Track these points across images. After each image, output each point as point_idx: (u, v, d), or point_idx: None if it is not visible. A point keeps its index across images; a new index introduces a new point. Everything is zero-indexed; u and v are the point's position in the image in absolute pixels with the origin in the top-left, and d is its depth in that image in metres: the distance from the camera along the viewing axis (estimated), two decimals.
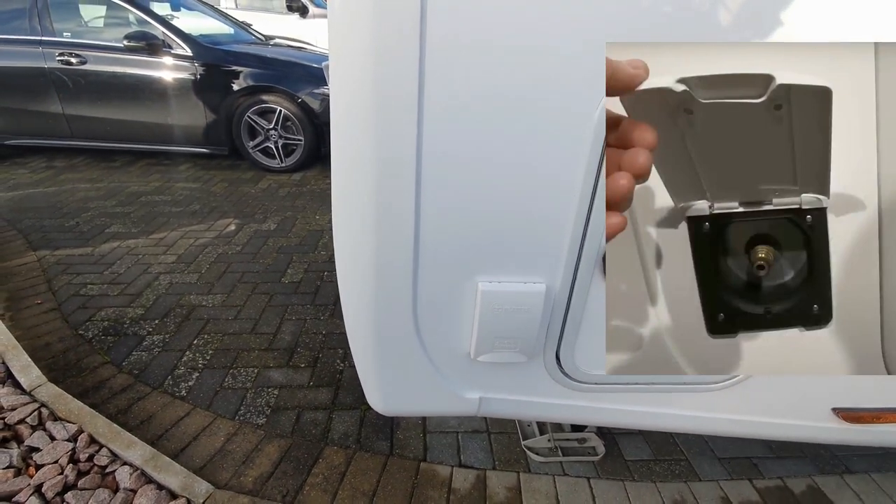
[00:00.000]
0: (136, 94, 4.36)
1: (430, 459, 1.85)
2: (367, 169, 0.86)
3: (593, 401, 1.18)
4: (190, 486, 1.64)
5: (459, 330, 1.05)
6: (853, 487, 1.86)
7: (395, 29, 0.74)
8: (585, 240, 0.94)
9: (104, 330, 2.48)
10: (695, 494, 1.77)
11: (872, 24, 0.77)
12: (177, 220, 3.71)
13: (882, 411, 1.28)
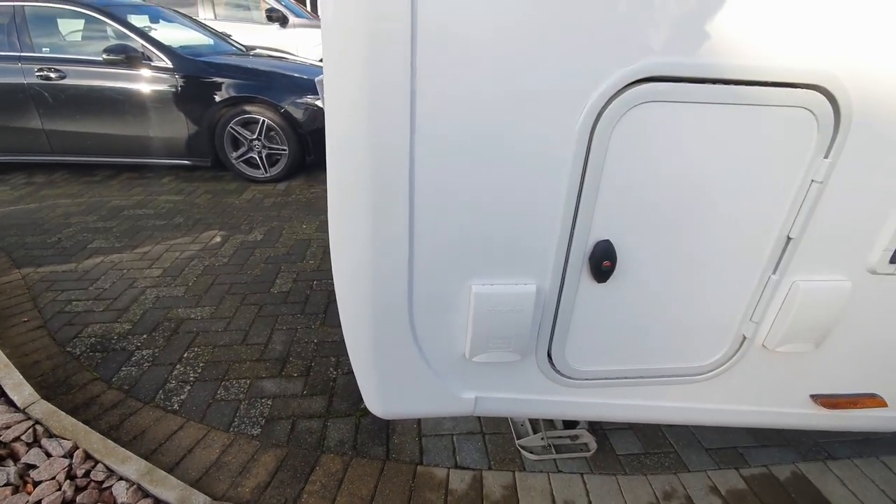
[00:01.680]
0: (117, 107, 4.31)
1: (427, 462, 1.87)
2: (363, 183, 0.90)
3: (585, 396, 1.22)
4: (187, 498, 1.63)
5: (454, 332, 1.08)
6: (836, 473, 1.93)
7: (386, 51, 0.78)
8: (572, 243, 0.99)
9: (92, 346, 2.44)
10: (684, 485, 1.82)
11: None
12: (161, 233, 3.68)
13: (857, 397, 1.35)
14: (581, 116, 0.87)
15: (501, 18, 0.79)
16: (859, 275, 1.11)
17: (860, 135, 0.93)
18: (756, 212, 1.00)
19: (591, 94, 0.85)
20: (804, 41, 0.85)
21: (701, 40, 0.83)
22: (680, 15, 0.81)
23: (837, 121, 0.91)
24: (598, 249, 0.99)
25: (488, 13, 0.79)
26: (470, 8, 0.78)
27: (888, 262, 1.09)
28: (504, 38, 0.80)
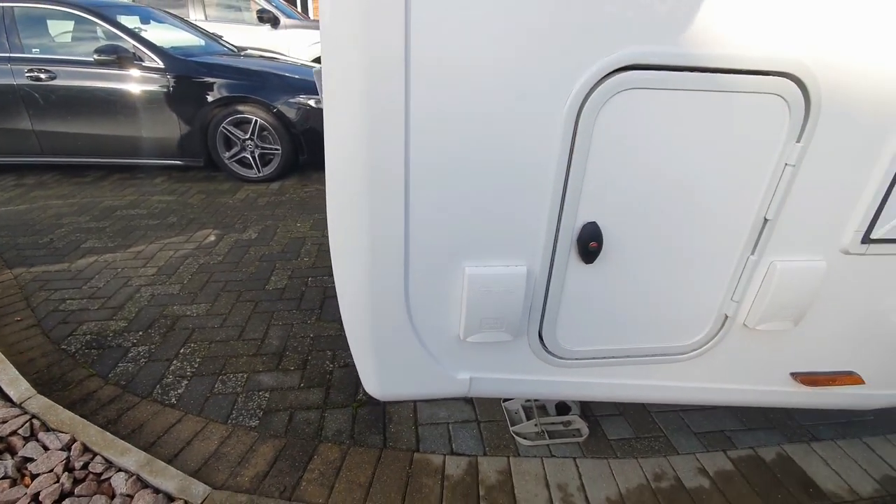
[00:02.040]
0: (108, 107, 4.31)
1: (423, 450, 1.91)
2: (360, 170, 0.93)
3: (575, 376, 1.27)
4: (187, 488, 1.66)
5: (449, 314, 1.12)
6: (820, 454, 2.00)
7: (383, 43, 0.82)
8: (560, 225, 1.03)
9: (87, 343, 2.45)
10: (674, 467, 1.88)
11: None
12: (154, 232, 3.68)
13: (836, 375, 1.41)
14: (567, 103, 0.91)
15: (492, 9, 0.83)
16: (833, 255, 1.16)
17: (829, 120, 0.98)
18: (734, 194, 1.05)
19: (576, 82, 0.89)
20: (776, 31, 0.91)
21: (678, 30, 0.88)
22: (658, 6, 0.86)
23: (808, 107, 0.97)
24: (585, 231, 1.03)
25: (480, 8, 0.83)
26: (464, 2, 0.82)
27: (860, 243, 1.15)
28: (494, 28, 0.85)
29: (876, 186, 1.08)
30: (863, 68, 0.96)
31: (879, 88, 0.98)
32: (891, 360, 1.41)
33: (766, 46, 0.91)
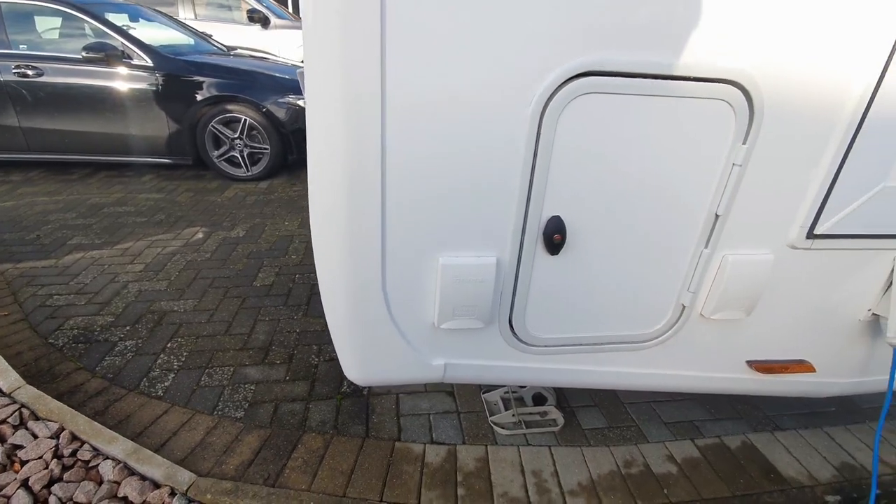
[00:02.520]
0: (96, 105, 4.32)
1: (404, 439, 1.98)
2: (339, 166, 1.00)
3: (545, 362, 1.34)
4: (173, 475, 1.71)
5: (424, 302, 1.19)
6: (783, 442, 2.10)
7: (360, 40, 0.89)
8: (527, 218, 1.11)
9: (74, 338, 2.48)
10: (643, 454, 1.97)
11: None
12: (142, 230, 3.70)
13: (788, 363, 1.51)
14: (530, 106, 0.99)
15: (461, 21, 0.91)
16: (781, 249, 1.26)
17: (772, 123, 1.07)
18: (687, 191, 1.14)
19: (539, 86, 0.97)
20: (721, 43, 0.99)
21: (632, 40, 0.96)
22: (614, 17, 0.94)
23: (751, 111, 1.05)
24: (550, 224, 1.11)
25: (450, 16, 0.91)
26: (436, 12, 0.90)
27: (805, 238, 1.24)
28: (463, 37, 0.92)
29: (818, 184, 1.17)
30: (801, 76, 1.05)
31: (817, 94, 1.07)
32: (839, 349, 1.51)
33: (713, 56, 1.00)
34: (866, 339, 1.51)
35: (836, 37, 1.02)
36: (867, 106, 1.08)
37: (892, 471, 2.01)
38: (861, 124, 1.09)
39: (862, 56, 1.05)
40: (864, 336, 1.50)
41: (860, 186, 1.18)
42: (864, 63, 1.05)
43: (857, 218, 1.22)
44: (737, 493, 1.83)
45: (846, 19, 1.01)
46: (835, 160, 1.13)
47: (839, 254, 1.30)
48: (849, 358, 1.54)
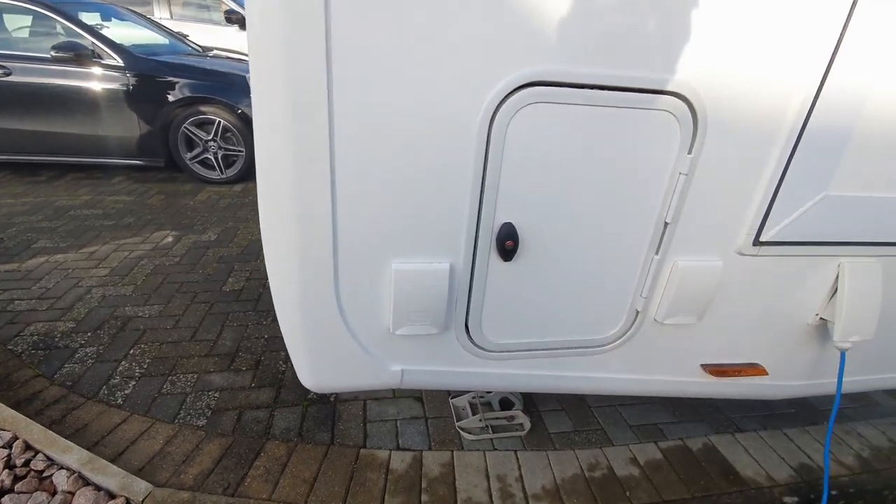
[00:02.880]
0: (65, 105, 4.21)
1: (370, 446, 1.97)
2: (287, 172, 1.00)
3: (502, 368, 1.35)
4: (129, 485, 1.66)
5: (379, 308, 1.19)
6: (743, 444, 2.15)
7: (305, 52, 0.89)
8: (479, 225, 1.12)
9: (34, 344, 2.41)
10: (608, 457, 1.99)
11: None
12: (109, 233, 3.62)
13: (741, 366, 1.54)
14: (479, 115, 1.00)
15: (408, 31, 0.92)
16: (729, 255, 1.29)
17: (715, 134, 1.10)
18: (636, 199, 1.16)
19: (487, 95, 0.98)
20: (664, 57, 1.02)
21: (577, 52, 0.98)
22: (559, 30, 0.96)
23: (695, 122, 1.08)
24: (502, 231, 1.12)
25: (398, 26, 0.91)
26: (382, 26, 0.90)
27: (752, 245, 1.28)
28: (410, 47, 0.93)
29: (762, 193, 1.21)
30: (743, 89, 1.08)
31: (759, 106, 1.11)
32: (790, 353, 1.55)
33: (655, 69, 1.02)
34: (815, 343, 1.55)
35: (776, 50, 1.06)
36: (806, 118, 1.12)
37: (850, 472, 2.07)
38: (800, 136, 1.13)
39: (801, 70, 1.08)
40: (813, 340, 1.54)
41: (802, 195, 1.21)
42: (803, 77, 1.09)
43: (801, 226, 1.26)
44: (697, 494, 1.87)
45: (786, 33, 1.05)
46: (777, 170, 1.17)
47: (786, 260, 1.34)
48: (799, 361, 1.58)
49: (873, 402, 2.50)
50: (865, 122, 1.16)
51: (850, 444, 2.20)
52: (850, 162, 1.21)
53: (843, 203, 1.25)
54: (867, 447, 2.18)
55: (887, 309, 1.47)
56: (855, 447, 2.18)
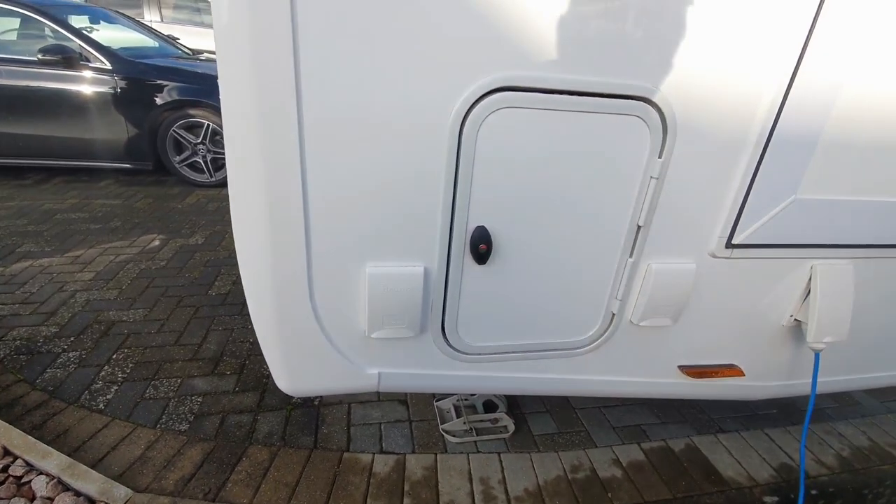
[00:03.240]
0: (52, 108, 4.19)
1: (353, 449, 1.96)
2: (258, 176, 1.00)
3: (480, 370, 1.36)
4: (108, 490, 1.65)
5: (354, 311, 1.20)
6: (724, 444, 2.17)
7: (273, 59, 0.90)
8: (453, 229, 1.13)
9: (16, 349, 2.39)
10: (591, 459, 2.00)
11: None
12: (95, 237, 3.60)
13: (718, 367, 1.56)
14: (450, 120, 1.01)
15: (378, 38, 0.93)
16: (702, 258, 1.31)
17: (685, 138, 1.12)
18: (608, 203, 1.17)
19: (457, 100, 0.99)
20: (632, 62, 1.04)
21: (546, 58, 0.99)
22: (528, 35, 0.97)
23: (665, 127, 1.10)
24: (475, 234, 1.13)
25: (368, 34, 0.92)
26: (353, 29, 0.91)
27: (724, 247, 1.29)
28: (380, 53, 0.94)
29: (733, 196, 1.22)
30: (711, 94, 1.10)
31: (728, 112, 1.12)
32: (766, 354, 1.57)
33: (622, 75, 1.04)
34: (791, 344, 1.57)
35: (743, 56, 1.08)
36: (774, 123, 1.14)
37: (830, 472, 2.10)
38: (769, 141, 1.15)
39: (768, 75, 1.10)
40: (789, 341, 1.56)
41: (772, 199, 1.23)
42: (770, 82, 1.11)
43: (772, 228, 1.27)
44: (678, 495, 1.88)
45: (752, 39, 1.07)
46: (746, 174, 1.19)
47: (759, 262, 1.36)
48: (776, 362, 1.60)
49: (854, 402, 2.53)
50: (832, 128, 1.18)
51: (831, 443, 2.23)
52: (819, 166, 1.23)
53: (812, 206, 1.27)
54: (847, 447, 2.21)
55: (861, 310, 1.49)
56: (835, 447, 2.20)
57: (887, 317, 1.59)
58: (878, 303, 1.53)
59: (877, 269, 1.47)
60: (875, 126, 1.22)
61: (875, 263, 1.46)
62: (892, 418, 2.43)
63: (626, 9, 0.99)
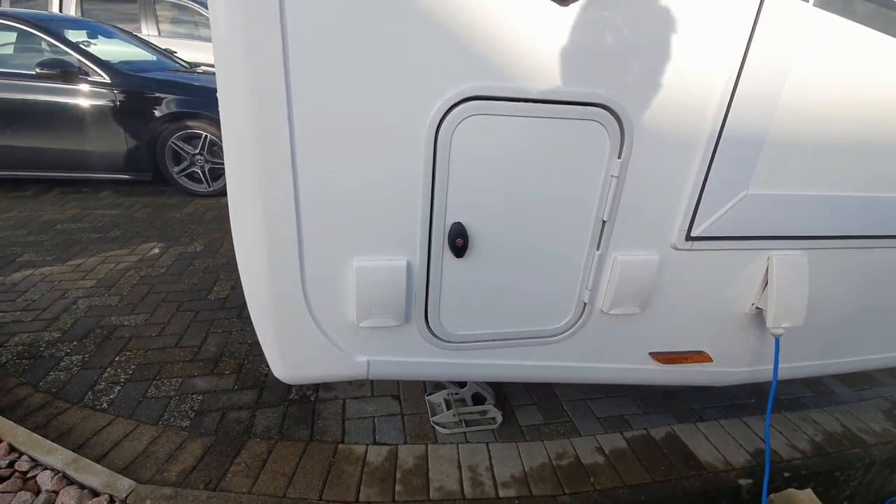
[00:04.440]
0: (51, 121, 4.29)
1: (348, 441, 2.05)
2: (254, 178, 1.11)
3: (463, 357, 1.46)
4: (112, 483, 1.73)
5: (344, 302, 1.30)
6: (703, 432, 2.27)
7: (266, 66, 1.01)
8: (432, 225, 1.23)
9: (18, 354, 2.47)
10: (575, 447, 2.09)
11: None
12: (96, 246, 3.68)
13: (688, 354, 1.66)
14: (426, 125, 1.12)
15: (360, 54, 1.04)
16: (665, 250, 1.42)
17: (641, 139, 1.24)
18: (574, 200, 1.29)
19: (432, 108, 1.11)
20: (589, 72, 1.15)
21: (510, 69, 1.11)
22: (493, 49, 1.09)
23: (622, 129, 1.21)
24: (453, 230, 1.24)
25: (351, 46, 1.03)
26: (338, 42, 1.02)
27: (685, 240, 1.41)
28: (363, 64, 1.05)
29: (689, 192, 1.34)
30: (663, 97, 1.21)
31: (679, 114, 1.24)
32: (731, 340, 1.68)
33: (579, 84, 1.15)
34: (755, 331, 1.68)
35: (690, 60, 1.19)
36: (722, 122, 1.25)
37: (803, 455, 2.20)
38: (718, 140, 1.27)
39: (714, 79, 1.22)
40: (752, 328, 1.67)
41: (725, 194, 1.35)
42: (716, 85, 1.23)
43: (727, 222, 1.39)
44: (657, 478, 1.97)
45: (698, 44, 1.18)
46: (700, 171, 1.30)
47: (718, 254, 1.47)
48: (741, 349, 1.71)
49: (829, 392, 2.64)
50: (778, 126, 1.30)
51: (805, 430, 2.33)
52: (768, 162, 1.35)
53: (764, 201, 1.39)
54: (821, 432, 2.31)
55: (819, 298, 1.61)
56: (809, 433, 2.31)
57: (844, 304, 1.70)
58: (834, 291, 1.64)
59: (831, 259, 1.58)
60: (819, 123, 1.34)
61: (829, 254, 1.57)
62: (865, 405, 2.53)
63: (581, 24, 1.10)
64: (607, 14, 1.11)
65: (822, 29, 1.23)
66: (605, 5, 1.10)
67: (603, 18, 1.11)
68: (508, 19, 1.07)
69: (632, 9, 1.11)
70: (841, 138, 1.38)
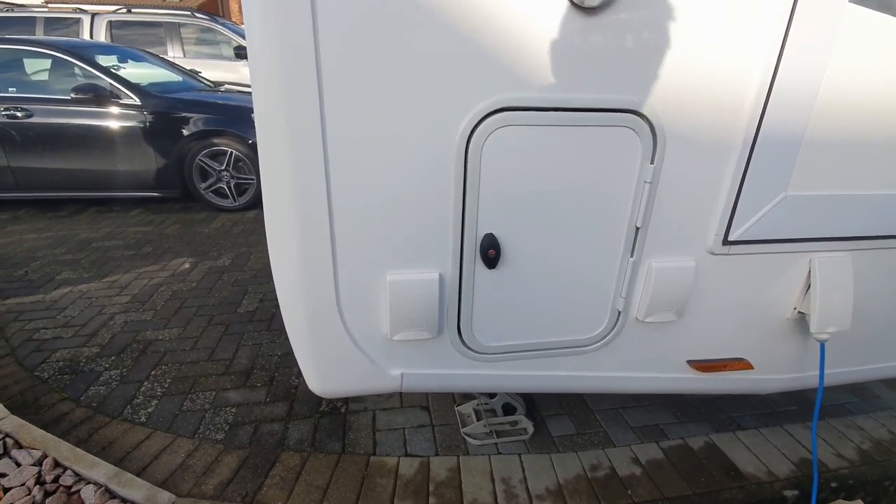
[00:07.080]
0: (85, 143, 4.47)
1: (379, 453, 2.05)
2: (289, 196, 1.13)
3: (495, 369, 1.45)
4: (153, 497, 1.77)
5: (377, 315, 1.31)
6: (743, 441, 2.19)
7: (301, 88, 1.03)
8: (464, 237, 1.23)
9: (60, 370, 2.55)
10: (610, 458, 2.05)
11: None
12: (129, 262, 3.80)
13: (727, 361, 1.62)
14: (457, 138, 1.13)
15: (392, 69, 1.05)
16: (701, 255, 1.38)
17: (674, 144, 1.21)
18: (607, 207, 1.27)
19: (462, 121, 1.11)
20: (617, 78, 1.14)
21: (541, 80, 1.11)
22: (524, 60, 1.09)
23: (654, 135, 1.20)
24: (485, 241, 1.24)
25: (382, 67, 1.05)
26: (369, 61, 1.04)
27: (721, 245, 1.37)
28: (394, 80, 1.06)
29: (725, 196, 1.30)
30: (696, 101, 1.19)
31: (713, 117, 1.22)
32: (773, 347, 1.62)
33: (611, 91, 1.14)
34: (797, 337, 1.62)
35: (723, 63, 1.17)
36: (758, 125, 1.22)
37: (850, 464, 2.10)
38: (755, 142, 1.24)
39: (748, 80, 1.19)
40: (795, 333, 1.61)
41: (763, 197, 1.31)
42: (751, 86, 1.20)
43: (766, 225, 1.35)
44: (697, 491, 1.91)
45: (730, 46, 1.16)
46: (736, 175, 1.27)
47: (757, 257, 1.43)
48: (784, 355, 1.65)
49: (874, 396, 2.53)
50: (816, 126, 1.26)
51: (851, 437, 2.23)
52: (807, 163, 1.31)
53: (803, 202, 1.35)
54: (868, 440, 2.21)
55: (864, 300, 1.54)
56: (856, 440, 2.21)
57: (891, 305, 1.63)
58: (879, 292, 1.58)
59: (876, 260, 1.52)
60: (859, 121, 1.29)
61: (873, 254, 1.51)
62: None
63: (610, 30, 1.10)
64: (634, 18, 1.10)
65: (859, 24, 1.19)
66: (631, 9, 1.09)
67: (630, 23, 1.10)
68: (536, 29, 1.07)
69: (660, 12, 1.10)
70: (881, 135, 1.34)
